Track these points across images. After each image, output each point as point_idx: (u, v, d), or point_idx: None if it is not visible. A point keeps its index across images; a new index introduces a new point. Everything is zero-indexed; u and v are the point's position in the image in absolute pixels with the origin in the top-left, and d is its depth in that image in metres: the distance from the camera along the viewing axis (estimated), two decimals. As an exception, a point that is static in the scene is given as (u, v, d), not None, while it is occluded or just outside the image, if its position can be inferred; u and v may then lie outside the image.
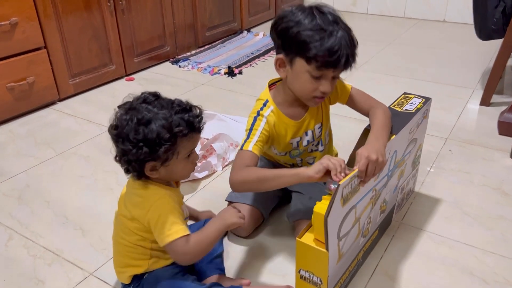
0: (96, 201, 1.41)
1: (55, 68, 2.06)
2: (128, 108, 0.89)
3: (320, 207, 0.89)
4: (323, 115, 1.19)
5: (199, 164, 1.52)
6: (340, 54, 0.95)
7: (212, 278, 1.04)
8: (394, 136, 1.05)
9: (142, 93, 0.92)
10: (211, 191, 1.46)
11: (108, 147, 0.92)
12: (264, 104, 1.11)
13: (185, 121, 0.88)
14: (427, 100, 1.24)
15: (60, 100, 2.14)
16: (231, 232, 1.25)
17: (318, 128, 1.18)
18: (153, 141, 0.85)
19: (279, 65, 1.07)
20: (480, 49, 2.60)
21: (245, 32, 3.17)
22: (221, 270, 1.07)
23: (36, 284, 1.11)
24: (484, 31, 1.88)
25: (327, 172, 0.91)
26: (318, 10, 0.99)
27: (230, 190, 1.28)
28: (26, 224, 1.32)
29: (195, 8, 2.77)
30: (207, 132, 1.71)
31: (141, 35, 2.46)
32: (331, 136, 1.29)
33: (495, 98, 2.01)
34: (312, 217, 0.91)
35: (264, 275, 1.12)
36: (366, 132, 1.12)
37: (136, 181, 0.93)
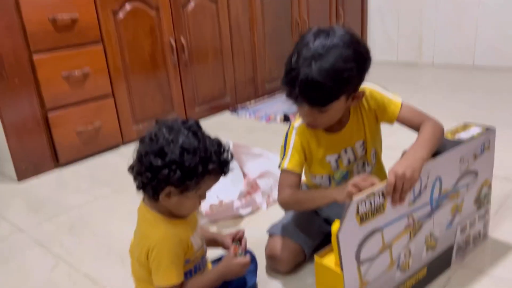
0: (140, 234, 1.43)
1: (121, 115, 2.22)
2: (171, 127, 0.87)
3: (337, 225, 0.85)
4: (366, 132, 1.12)
5: (243, 200, 1.50)
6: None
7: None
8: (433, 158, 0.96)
9: (188, 119, 0.91)
10: (254, 228, 1.42)
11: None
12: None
13: (220, 161, 0.88)
14: (489, 129, 1.13)
15: (123, 143, 2.27)
16: (270, 265, 1.19)
17: (360, 146, 1.12)
18: (189, 169, 0.84)
19: None
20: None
21: (305, 84, 3.21)
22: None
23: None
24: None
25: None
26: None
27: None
28: (72, 253, 1.37)
29: (255, 63, 2.88)
30: (253, 171, 1.70)
31: (202, 87, 2.59)
32: (380, 158, 1.20)
33: None
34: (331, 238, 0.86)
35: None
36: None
37: (143, 209, 0.93)
